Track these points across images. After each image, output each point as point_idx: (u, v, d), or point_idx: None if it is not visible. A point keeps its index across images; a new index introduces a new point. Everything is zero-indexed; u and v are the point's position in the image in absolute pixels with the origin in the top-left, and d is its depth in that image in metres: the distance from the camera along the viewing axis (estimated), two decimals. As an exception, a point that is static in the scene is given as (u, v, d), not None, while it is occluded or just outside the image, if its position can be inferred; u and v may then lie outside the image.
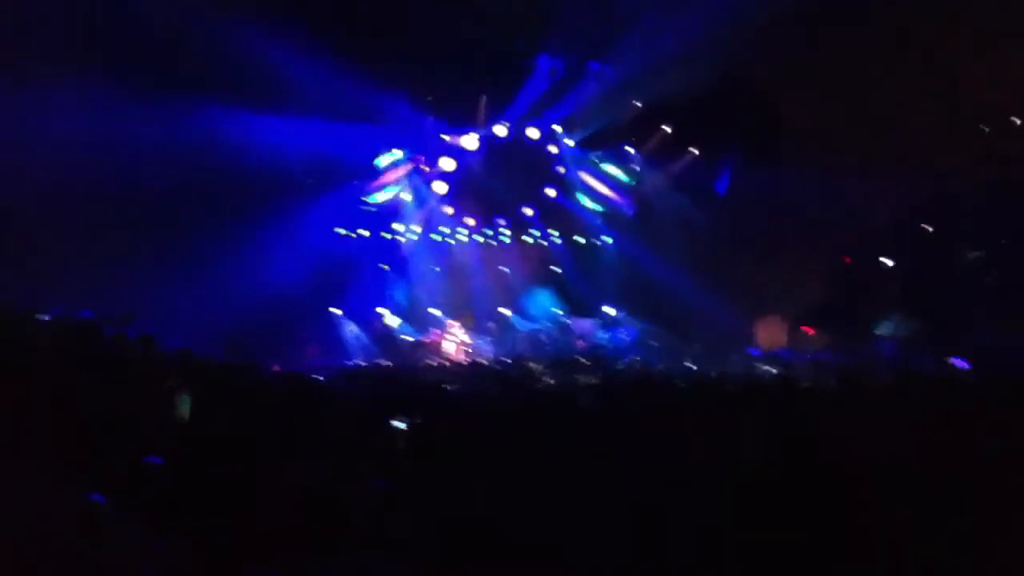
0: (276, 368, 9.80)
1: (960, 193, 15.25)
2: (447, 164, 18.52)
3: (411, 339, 18.58)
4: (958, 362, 9.55)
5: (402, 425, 5.25)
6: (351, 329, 18.00)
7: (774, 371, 11.66)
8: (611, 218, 19.52)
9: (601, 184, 19.44)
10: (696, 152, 18.17)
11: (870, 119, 14.58)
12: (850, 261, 17.08)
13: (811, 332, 16.70)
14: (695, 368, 12.05)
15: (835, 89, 14.63)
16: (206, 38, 13.09)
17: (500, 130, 18.20)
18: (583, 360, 13.51)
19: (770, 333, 16.76)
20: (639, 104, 17.71)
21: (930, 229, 16.18)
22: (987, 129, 15.02)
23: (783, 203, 15.94)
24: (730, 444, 5.13)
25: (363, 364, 14.94)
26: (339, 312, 17.99)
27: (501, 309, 19.77)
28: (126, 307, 9.26)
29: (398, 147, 18.52)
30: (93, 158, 12.75)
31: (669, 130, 18.16)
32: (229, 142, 14.32)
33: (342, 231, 18.35)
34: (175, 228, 14.35)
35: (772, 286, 16.46)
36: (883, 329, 15.80)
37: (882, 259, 16.60)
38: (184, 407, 5.15)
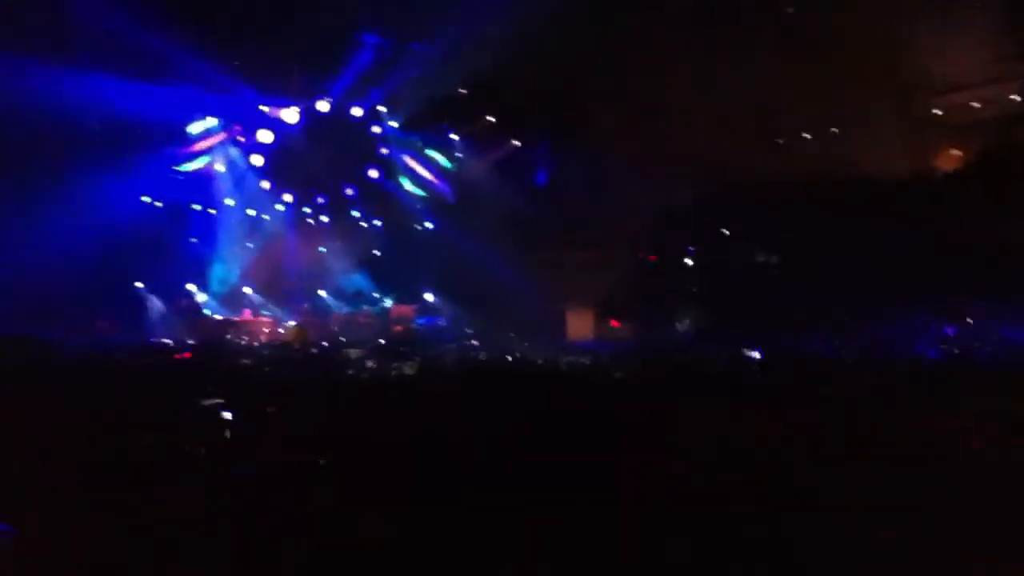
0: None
1: (756, 195, 16.43)
2: (265, 136, 17.78)
3: (220, 317, 17.77)
4: (751, 352, 10.32)
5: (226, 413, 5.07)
6: (155, 305, 16.95)
7: (584, 361, 12.13)
8: (433, 203, 19.54)
9: (424, 169, 19.42)
10: (516, 142, 18.56)
11: (680, 119, 15.38)
12: (654, 258, 18.10)
13: (616, 324, 17.55)
14: (512, 358, 12.33)
15: (651, 87, 15.33)
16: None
17: (322, 106, 17.70)
18: (400, 346, 13.46)
19: (579, 324, 17.44)
20: (463, 90, 17.83)
21: (727, 232, 17.43)
22: (783, 139, 16.37)
23: (595, 197, 16.63)
24: (548, 427, 5.37)
25: (166, 342, 14.14)
26: (141, 286, 16.87)
27: (318, 290, 19.32)
28: None
29: (213, 115, 17.55)
30: None
31: (491, 119, 18.42)
32: (8, 97, 12.88)
33: (147, 200, 17.14)
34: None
35: (582, 279, 17.13)
36: (681, 322, 16.88)
37: (685, 260, 17.71)
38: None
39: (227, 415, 5.10)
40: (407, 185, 19.51)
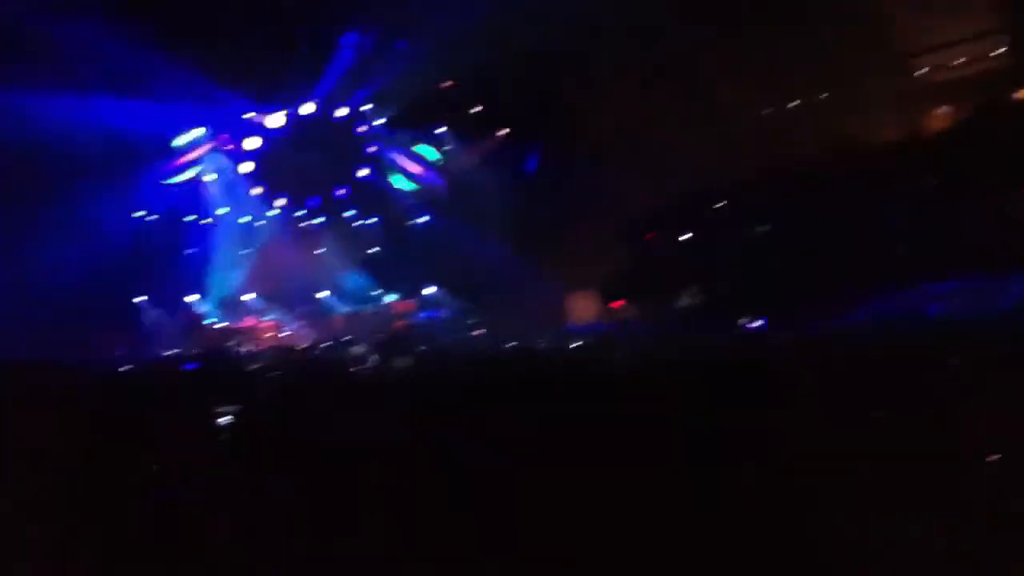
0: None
1: (747, 170, 16.40)
2: (252, 143, 17.82)
3: (222, 326, 17.81)
4: (753, 325, 10.31)
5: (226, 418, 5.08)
6: (156, 319, 17.00)
7: (587, 342, 12.14)
8: (426, 197, 19.54)
9: (414, 164, 19.42)
10: (507, 131, 18.53)
11: (672, 102, 15.39)
12: (651, 237, 18.10)
13: (618, 306, 17.56)
14: (514, 344, 12.36)
15: (640, 71, 15.35)
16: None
17: (307, 109, 17.70)
18: (403, 341, 13.50)
19: (581, 308, 17.46)
20: (449, 83, 17.80)
21: (720, 205, 17.40)
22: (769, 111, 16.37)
23: (591, 181, 16.64)
24: (555, 417, 5.37)
25: (171, 354, 14.19)
26: (143, 300, 16.93)
27: (318, 292, 19.35)
28: None
29: (199, 126, 17.56)
30: None
31: (479, 109, 18.39)
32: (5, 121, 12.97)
33: (141, 215, 17.18)
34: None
35: (582, 263, 17.15)
36: (683, 300, 16.88)
37: (680, 236, 17.71)
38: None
39: (227, 420, 5.11)
40: (398, 181, 19.51)
